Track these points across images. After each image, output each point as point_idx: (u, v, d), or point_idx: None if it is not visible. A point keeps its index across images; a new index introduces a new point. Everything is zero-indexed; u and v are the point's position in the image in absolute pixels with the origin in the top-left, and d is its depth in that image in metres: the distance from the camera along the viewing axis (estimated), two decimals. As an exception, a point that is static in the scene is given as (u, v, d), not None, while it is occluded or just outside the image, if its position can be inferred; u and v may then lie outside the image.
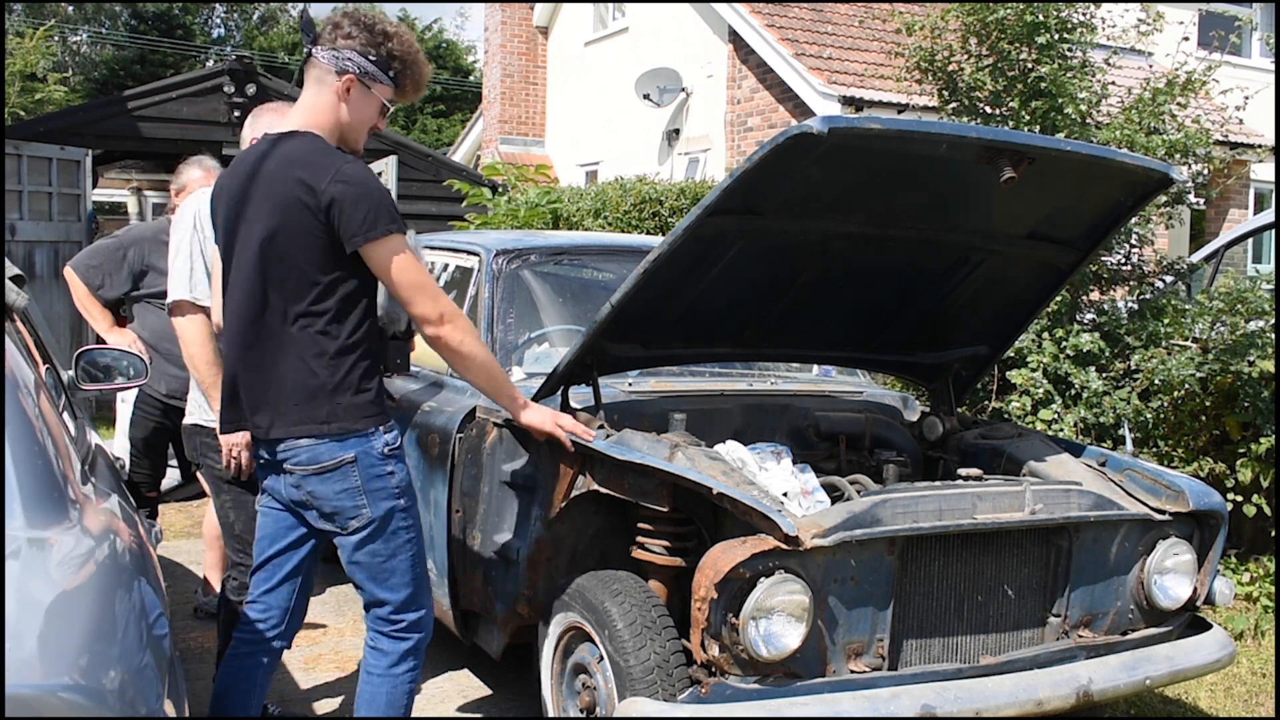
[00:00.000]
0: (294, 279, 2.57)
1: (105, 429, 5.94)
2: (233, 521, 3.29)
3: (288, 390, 2.60)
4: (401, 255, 2.56)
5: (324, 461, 2.60)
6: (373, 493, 2.62)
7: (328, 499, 2.63)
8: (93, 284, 4.53)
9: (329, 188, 2.51)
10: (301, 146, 2.60)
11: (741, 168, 2.65)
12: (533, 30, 15.27)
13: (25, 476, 1.81)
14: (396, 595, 2.71)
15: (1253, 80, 7.88)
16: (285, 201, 2.55)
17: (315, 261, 2.56)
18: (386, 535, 2.66)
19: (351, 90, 2.64)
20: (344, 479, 2.61)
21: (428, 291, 2.61)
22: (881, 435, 3.74)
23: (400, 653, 2.74)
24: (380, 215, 2.53)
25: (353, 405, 2.60)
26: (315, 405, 2.58)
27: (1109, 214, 3.33)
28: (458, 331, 2.67)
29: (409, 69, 2.69)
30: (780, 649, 2.57)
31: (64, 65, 27.27)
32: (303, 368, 2.58)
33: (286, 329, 2.59)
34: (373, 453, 2.62)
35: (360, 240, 2.52)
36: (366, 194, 2.53)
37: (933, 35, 5.87)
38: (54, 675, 1.43)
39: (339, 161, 2.56)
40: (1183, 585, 3.16)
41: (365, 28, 2.63)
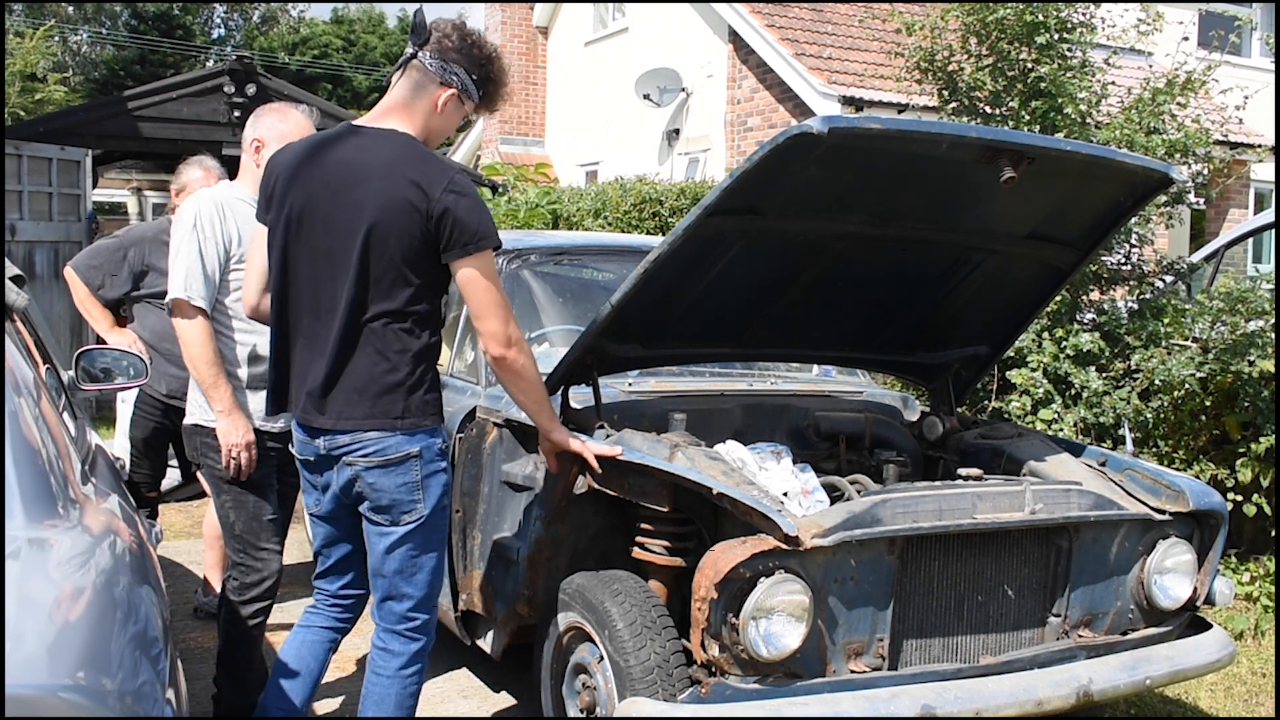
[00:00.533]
0: (390, 277, 2.61)
1: (105, 429, 5.94)
2: (233, 521, 3.29)
3: (362, 384, 2.64)
4: (488, 273, 2.64)
5: (391, 454, 2.65)
6: (429, 488, 2.70)
7: (387, 491, 2.67)
8: (93, 284, 4.53)
9: (443, 196, 2.56)
10: (409, 148, 2.64)
11: (741, 168, 2.65)
12: (533, 30, 15.27)
13: (25, 476, 1.81)
14: (419, 592, 2.75)
15: (1253, 80, 7.87)
16: (393, 201, 2.57)
17: (414, 263, 2.60)
18: (429, 531, 2.73)
19: (450, 103, 2.71)
20: (406, 473, 2.66)
21: (501, 312, 2.67)
22: (881, 435, 3.74)
23: (410, 654, 2.77)
24: (487, 231, 2.61)
25: (424, 403, 2.68)
26: (391, 400, 2.64)
27: (1109, 214, 3.33)
28: (522, 355, 2.73)
29: (498, 92, 2.79)
30: (780, 649, 2.57)
31: (64, 65, 27.29)
32: (383, 364, 2.63)
33: (370, 324, 2.62)
34: (434, 448, 2.70)
35: (462, 253, 2.59)
36: (478, 208, 2.61)
37: (933, 35, 5.87)
38: (54, 675, 1.43)
39: (451, 171, 2.63)
40: (1183, 585, 3.16)
41: (474, 44, 2.72)
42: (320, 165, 2.66)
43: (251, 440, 3.18)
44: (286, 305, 2.72)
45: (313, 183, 2.65)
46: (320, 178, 2.65)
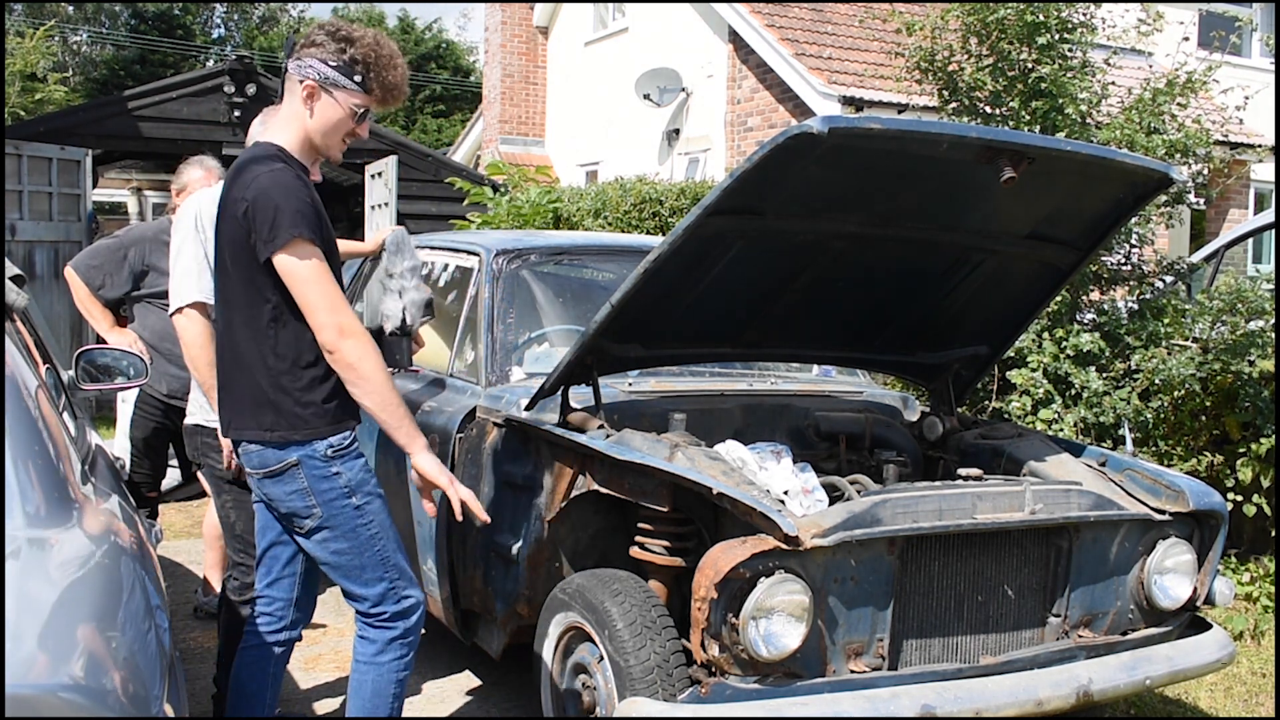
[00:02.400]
0: (240, 289, 2.62)
1: (105, 429, 5.94)
2: (233, 521, 3.29)
3: (240, 396, 2.67)
4: (299, 263, 2.53)
5: (271, 465, 2.65)
6: (321, 494, 2.65)
7: (281, 500, 2.68)
8: (93, 284, 4.53)
9: (245, 196, 2.56)
10: (249, 158, 2.65)
11: (741, 168, 2.65)
12: (533, 30, 15.27)
13: (25, 476, 1.81)
14: (371, 590, 2.73)
15: (1253, 80, 7.88)
16: (227, 212, 2.63)
17: (252, 271, 2.59)
18: (345, 533, 2.68)
19: (314, 95, 2.65)
20: (292, 481, 2.65)
21: (325, 301, 2.55)
22: (881, 435, 3.74)
23: (385, 641, 2.76)
24: (280, 222, 2.51)
25: (293, 415, 2.61)
26: (261, 412, 2.63)
27: (1109, 214, 3.32)
28: (357, 349, 2.56)
29: (374, 71, 2.65)
30: (780, 649, 2.57)
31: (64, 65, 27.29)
32: (250, 376, 2.64)
33: (240, 338, 2.64)
34: (315, 455, 2.63)
35: (268, 248, 2.53)
36: (270, 202, 2.52)
37: (933, 35, 5.87)
38: (54, 675, 1.43)
39: (259, 170, 2.58)
40: (1183, 585, 3.16)
41: (330, 35, 2.64)
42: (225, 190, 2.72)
43: None
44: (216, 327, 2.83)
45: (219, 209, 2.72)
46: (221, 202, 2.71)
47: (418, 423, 3.66)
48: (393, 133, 12.31)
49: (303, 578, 2.93)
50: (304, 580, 2.94)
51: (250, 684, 2.89)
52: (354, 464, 2.69)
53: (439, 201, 10.82)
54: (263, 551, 2.90)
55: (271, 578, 2.90)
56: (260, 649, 2.91)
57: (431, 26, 31.87)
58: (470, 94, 29.29)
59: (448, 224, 9.38)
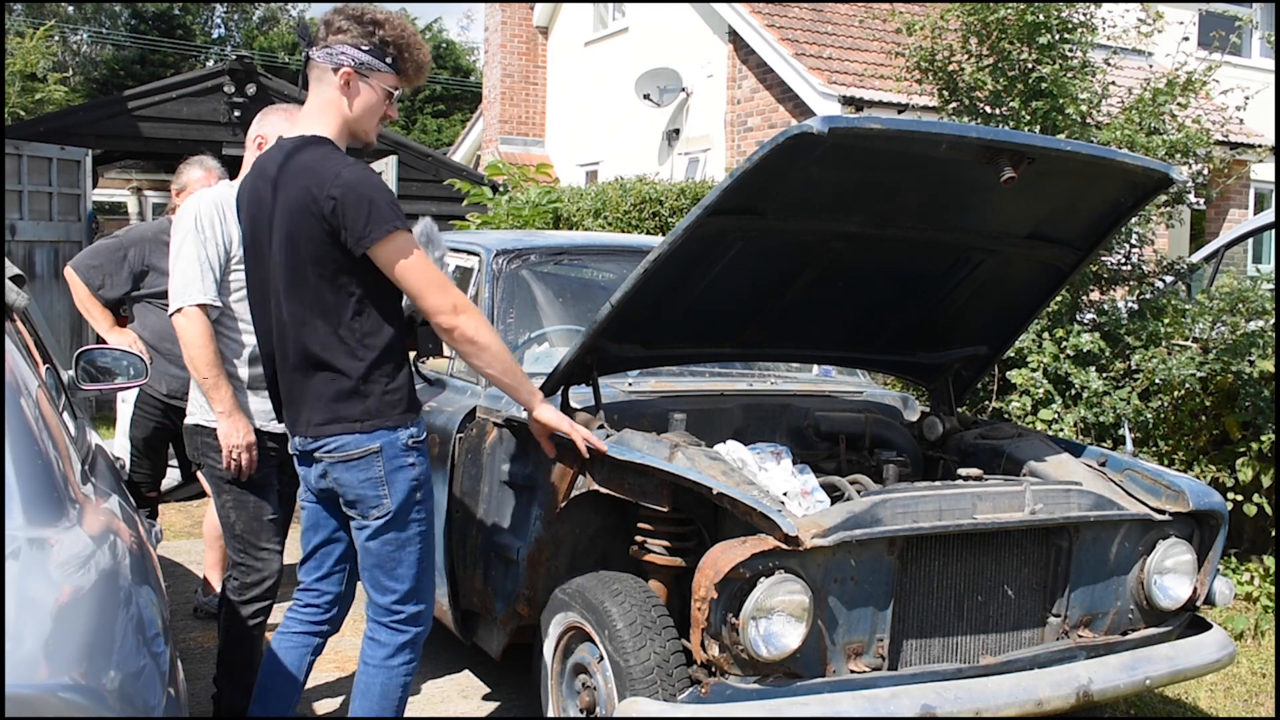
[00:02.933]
0: (313, 284, 2.63)
1: (105, 429, 5.94)
2: (233, 521, 3.29)
3: (318, 389, 2.67)
4: (405, 253, 2.59)
5: (351, 451, 2.68)
6: (394, 483, 2.70)
7: (351, 487, 2.71)
8: (93, 284, 4.53)
9: (330, 193, 2.55)
10: (308, 154, 2.64)
11: (741, 168, 2.65)
12: (533, 30, 15.26)
13: (25, 476, 1.81)
14: (401, 585, 2.76)
15: (1253, 80, 7.88)
16: (297, 209, 2.60)
17: (330, 266, 2.61)
18: (401, 525, 2.73)
19: (351, 83, 2.67)
20: (368, 468, 2.68)
21: (435, 284, 2.63)
22: (881, 435, 3.74)
23: (397, 645, 2.79)
24: (378, 216, 2.56)
25: (382, 402, 2.67)
26: (348, 406, 2.66)
27: (1109, 214, 3.32)
28: (474, 321, 2.68)
29: (405, 52, 2.70)
30: (780, 649, 2.57)
31: (64, 65, 27.27)
32: (332, 373, 2.65)
33: (318, 336, 2.65)
34: (397, 443, 2.69)
35: (368, 242, 2.56)
36: (362, 196, 2.56)
37: (933, 35, 5.87)
38: (54, 675, 1.43)
39: (338, 166, 2.59)
40: (1183, 585, 3.16)
41: (355, 19, 2.66)
42: (257, 187, 2.72)
43: (252, 441, 3.18)
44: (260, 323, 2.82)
45: (254, 207, 2.73)
46: (257, 200, 2.71)
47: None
48: (393, 133, 12.30)
49: (350, 576, 2.98)
50: (350, 578, 2.99)
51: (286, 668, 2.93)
52: (424, 460, 2.78)
53: (439, 201, 10.82)
54: (314, 549, 2.94)
55: (322, 573, 2.95)
56: (303, 635, 2.96)
57: (432, 26, 31.86)
58: (470, 94, 29.28)
59: (447, 224, 9.37)
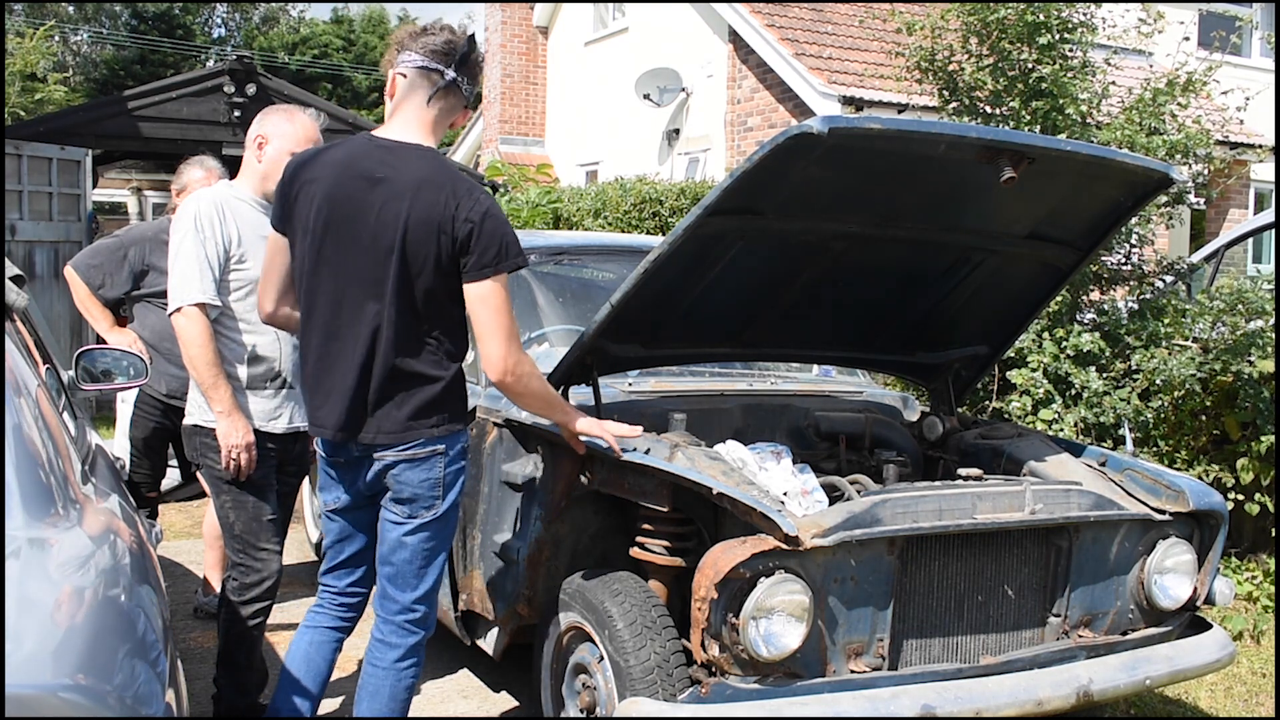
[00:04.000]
0: (421, 294, 2.65)
1: (105, 429, 5.94)
2: (232, 522, 3.29)
3: (401, 399, 2.68)
4: (504, 294, 2.66)
5: (418, 451, 2.71)
6: (449, 485, 2.76)
7: (410, 485, 2.73)
8: (93, 284, 4.53)
9: (471, 215, 2.59)
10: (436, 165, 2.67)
11: (741, 168, 2.65)
12: (533, 30, 15.27)
13: (25, 476, 1.81)
14: (423, 586, 2.80)
15: (1253, 80, 7.89)
16: (423, 219, 2.59)
17: (443, 279, 2.64)
18: (441, 526, 2.78)
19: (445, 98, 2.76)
20: (432, 469, 2.73)
21: (506, 335, 2.68)
22: (881, 435, 3.74)
23: (407, 647, 2.81)
24: (506, 254, 2.64)
25: (455, 410, 2.75)
26: (428, 415, 2.70)
27: (1109, 214, 3.33)
28: (522, 379, 2.73)
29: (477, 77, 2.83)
30: (780, 649, 2.57)
31: (64, 65, 27.28)
32: (419, 378, 2.68)
33: (403, 339, 2.66)
34: (457, 445, 2.76)
35: (481, 275, 2.62)
36: (502, 230, 2.64)
37: (933, 35, 5.87)
38: (54, 675, 1.43)
39: (478, 190, 2.65)
40: (1183, 585, 3.16)
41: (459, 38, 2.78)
42: (346, 181, 2.66)
43: (251, 441, 3.18)
44: (313, 319, 2.73)
45: (338, 199, 2.66)
46: (345, 194, 2.65)
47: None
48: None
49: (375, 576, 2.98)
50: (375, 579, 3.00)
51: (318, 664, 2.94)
52: (465, 467, 2.83)
53: (439, 201, 10.80)
54: (348, 558, 2.94)
55: (355, 578, 2.98)
56: (333, 631, 2.98)
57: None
58: (470, 94, 29.25)
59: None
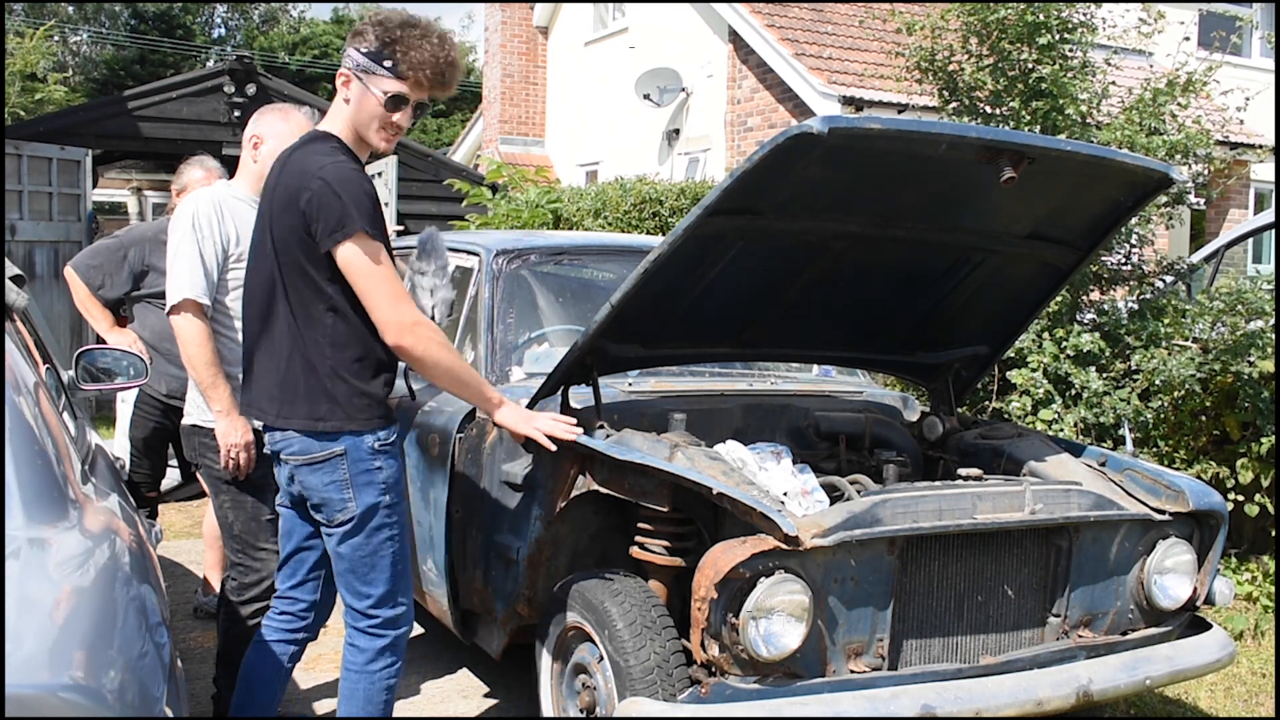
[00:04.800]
0: (295, 277, 2.62)
1: (105, 429, 5.94)
2: (231, 522, 3.29)
3: (288, 385, 2.65)
4: (363, 259, 2.55)
5: (315, 454, 2.65)
6: (359, 486, 2.66)
7: (316, 490, 2.68)
8: (93, 284, 4.53)
9: (309, 184, 2.55)
10: (305, 148, 2.65)
11: (741, 168, 2.65)
12: (533, 30, 15.27)
13: (25, 476, 1.81)
14: (375, 590, 2.74)
15: (1253, 80, 7.88)
16: (286, 201, 2.61)
17: (309, 260, 2.59)
18: (369, 530, 2.70)
19: (350, 86, 2.67)
20: (333, 471, 2.65)
21: (389, 296, 2.59)
22: (881, 435, 3.74)
23: (376, 649, 2.78)
24: (346, 217, 2.53)
25: (349, 406, 2.64)
26: (314, 402, 2.63)
27: (1109, 214, 3.32)
28: (422, 341, 2.63)
29: (400, 50, 2.60)
30: (780, 649, 2.57)
31: (64, 65, 27.27)
32: (301, 366, 2.63)
33: (291, 325, 2.64)
34: (362, 447, 2.65)
35: (330, 241, 2.54)
36: (335, 195, 2.53)
37: (933, 35, 5.87)
38: (54, 675, 1.43)
39: (325, 160, 2.58)
40: (1183, 585, 3.16)
41: (372, 23, 2.65)
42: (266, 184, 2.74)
43: (250, 441, 3.18)
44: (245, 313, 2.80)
45: (264, 198, 2.74)
46: (267, 192, 2.72)
47: (418, 423, 3.69)
48: (393, 133, 12.28)
49: (326, 582, 2.95)
50: (326, 584, 2.96)
51: (262, 678, 2.92)
52: (393, 463, 2.74)
53: (439, 201, 10.82)
54: (289, 555, 2.92)
55: (297, 580, 2.93)
56: (279, 644, 2.95)
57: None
58: (470, 94, 29.26)
59: (448, 224, 9.38)
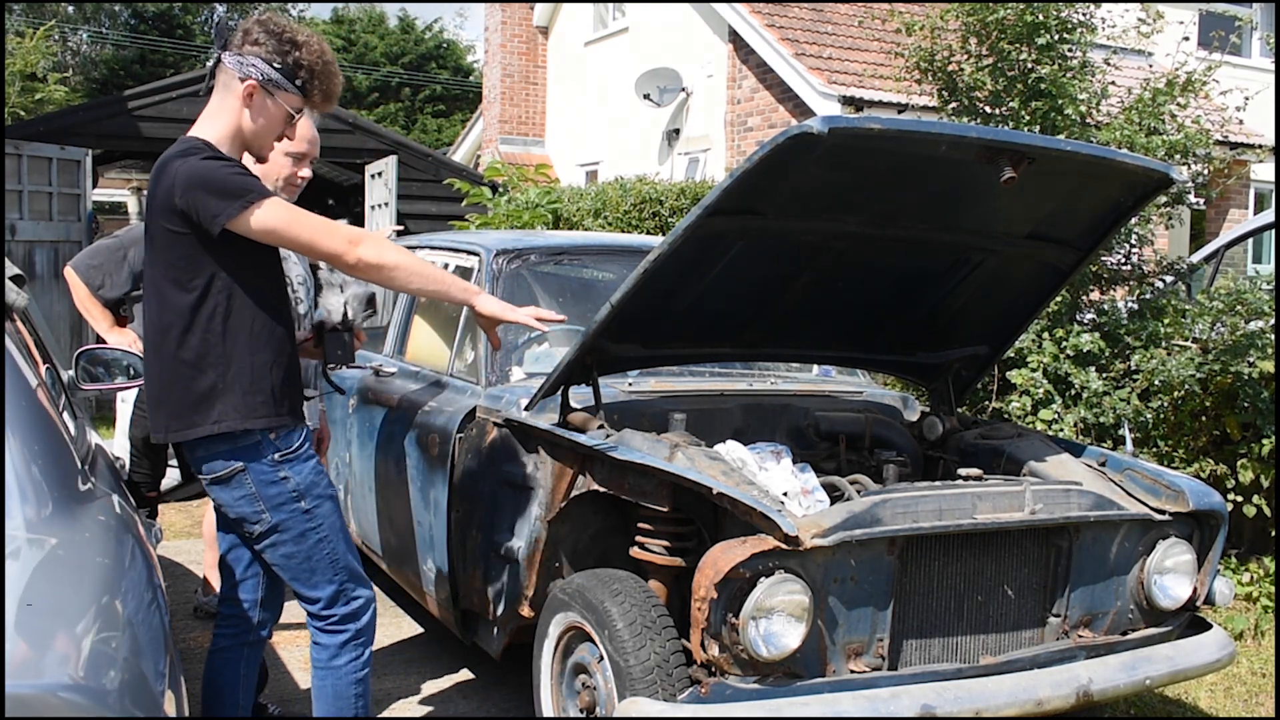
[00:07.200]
0: (175, 283, 2.54)
1: (105, 429, 5.93)
2: (233, 521, 3.29)
3: (180, 393, 2.58)
4: (273, 213, 2.49)
5: (219, 472, 2.62)
6: (269, 499, 2.63)
7: (230, 505, 2.66)
8: (93, 284, 4.52)
9: (177, 186, 2.48)
10: (172, 156, 2.56)
11: (741, 168, 2.65)
12: (533, 30, 15.27)
13: (25, 476, 1.81)
14: (320, 593, 2.73)
15: (1253, 80, 7.88)
16: (157, 210, 2.54)
17: (191, 263, 2.53)
18: (295, 537, 2.67)
19: (254, 97, 2.61)
20: (240, 487, 2.62)
21: (321, 231, 2.54)
22: (881, 435, 3.74)
23: (337, 645, 2.77)
24: (229, 191, 2.47)
25: (242, 405, 2.57)
26: (206, 407, 2.56)
27: (1109, 214, 3.33)
28: (373, 247, 2.57)
29: (316, 78, 2.63)
30: (780, 649, 2.57)
31: (64, 65, 27.25)
32: (192, 370, 2.56)
33: (176, 333, 2.56)
34: (262, 460, 2.61)
35: (222, 220, 2.46)
36: (208, 179, 2.47)
37: (933, 35, 5.87)
38: (54, 675, 1.43)
39: (188, 155, 2.52)
40: (1183, 585, 3.16)
41: (274, 35, 2.60)
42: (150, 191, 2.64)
43: None
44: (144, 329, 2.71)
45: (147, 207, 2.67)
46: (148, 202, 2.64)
47: (418, 423, 3.69)
48: (393, 133, 12.30)
49: (266, 579, 2.93)
50: (268, 581, 2.94)
51: (221, 683, 2.90)
52: (302, 467, 2.67)
53: (439, 201, 10.82)
54: (222, 555, 2.90)
55: (234, 580, 2.91)
56: (230, 651, 2.92)
57: (432, 26, 31.85)
58: (470, 94, 29.28)
59: (447, 224, 9.38)
